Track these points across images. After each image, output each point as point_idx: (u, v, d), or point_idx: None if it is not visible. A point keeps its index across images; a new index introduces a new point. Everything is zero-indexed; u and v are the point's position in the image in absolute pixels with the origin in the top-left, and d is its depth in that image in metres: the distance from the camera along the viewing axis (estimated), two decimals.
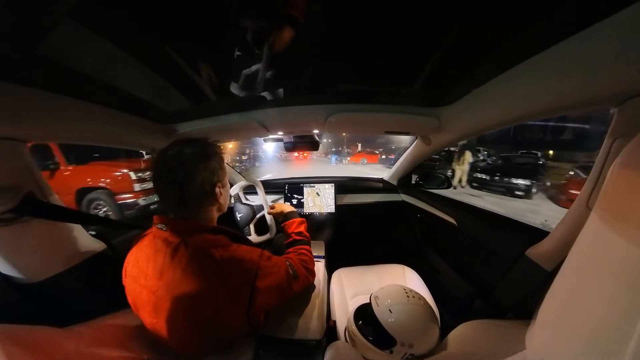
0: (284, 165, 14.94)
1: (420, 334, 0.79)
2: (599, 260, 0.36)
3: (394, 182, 2.01)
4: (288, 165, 14.94)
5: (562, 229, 0.72)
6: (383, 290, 0.90)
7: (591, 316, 0.34)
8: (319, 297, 0.98)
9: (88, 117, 0.82)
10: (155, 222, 0.68)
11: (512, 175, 7.44)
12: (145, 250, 0.67)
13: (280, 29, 0.59)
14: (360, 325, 0.87)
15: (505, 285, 0.92)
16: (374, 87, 1.00)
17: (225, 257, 0.63)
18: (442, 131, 1.18)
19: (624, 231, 0.33)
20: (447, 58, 0.72)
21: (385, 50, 0.73)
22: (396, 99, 1.06)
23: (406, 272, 1.39)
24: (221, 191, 0.73)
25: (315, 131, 1.43)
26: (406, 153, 1.75)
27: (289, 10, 0.56)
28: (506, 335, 0.62)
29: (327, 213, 1.76)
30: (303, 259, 0.88)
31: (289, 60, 0.69)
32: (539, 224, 0.96)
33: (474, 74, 0.79)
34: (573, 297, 0.39)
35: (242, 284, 0.63)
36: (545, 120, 10.97)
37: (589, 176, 0.66)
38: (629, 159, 0.36)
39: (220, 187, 0.72)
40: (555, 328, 0.41)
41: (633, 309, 0.29)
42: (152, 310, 0.64)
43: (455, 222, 1.30)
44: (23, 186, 0.70)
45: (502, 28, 0.59)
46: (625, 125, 0.57)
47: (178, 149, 0.66)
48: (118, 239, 1.02)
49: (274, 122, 1.22)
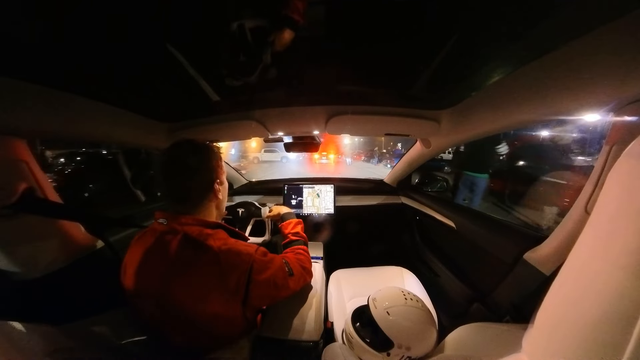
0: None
1: (418, 336, 0.78)
2: (597, 264, 0.36)
3: (394, 184, 2.01)
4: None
5: (560, 233, 0.72)
6: (381, 293, 0.90)
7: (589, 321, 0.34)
8: (316, 298, 0.98)
9: (89, 114, 0.82)
10: (156, 217, 0.72)
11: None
12: (146, 244, 0.69)
13: (281, 30, 0.60)
14: (357, 327, 0.87)
15: (503, 289, 0.92)
16: (375, 89, 1.00)
17: (224, 249, 0.65)
18: (441, 134, 1.18)
19: (622, 237, 0.33)
20: (447, 61, 0.72)
21: (386, 52, 0.74)
22: (397, 101, 1.06)
23: (404, 274, 1.39)
24: (220, 188, 0.78)
25: (315, 132, 1.43)
26: (406, 155, 1.76)
27: (289, 12, 0.57)
28: (504, 338, 0.62)
29: (326, 214, 1.76)
30: (300, 258, 0.89)
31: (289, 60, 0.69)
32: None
33: (474, 78, 0.79)
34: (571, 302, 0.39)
35: (238, 275, 0.64)
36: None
37: (588, 181, 0.66)
38: (627, 164, 0.36)
39: (219, 184, 0.77)
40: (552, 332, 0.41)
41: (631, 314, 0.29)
42: (152, 303, 0.65)
43: (454, 225, 1.30)
44: (22, 182, 0.70)
45: (502, 33, 0.59)
46: (623, 131, 0.57)
47: (181, 148, 0.72)
48: (115, 237, 1.01)
49: (275, 122, 1.23)
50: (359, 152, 22.02)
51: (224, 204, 0.84)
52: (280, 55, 0.65)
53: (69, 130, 0.82)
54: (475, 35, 0.61)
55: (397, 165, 1.91)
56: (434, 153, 1.48)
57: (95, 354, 0.60)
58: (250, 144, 15.29)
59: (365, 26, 0.64)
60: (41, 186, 0.76)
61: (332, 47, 0.72)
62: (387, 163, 15.61)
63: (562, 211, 2.47)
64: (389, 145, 20.76)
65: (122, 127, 0.98)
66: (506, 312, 0.87)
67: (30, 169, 0.74)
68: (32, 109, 0.67)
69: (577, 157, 3.73)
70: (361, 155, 20.76)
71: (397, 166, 1.90)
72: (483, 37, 0.62)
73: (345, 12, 0.60)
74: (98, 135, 0.96)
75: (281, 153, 15.81)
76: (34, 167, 0.75)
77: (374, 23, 0.62)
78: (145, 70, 0.76)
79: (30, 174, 0.73)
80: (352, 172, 12.84)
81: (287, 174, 2.16)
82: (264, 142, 1.55)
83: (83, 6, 0.48)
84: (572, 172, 3.36)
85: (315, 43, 0.69)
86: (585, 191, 0.66)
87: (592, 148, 3.45)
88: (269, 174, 2.27)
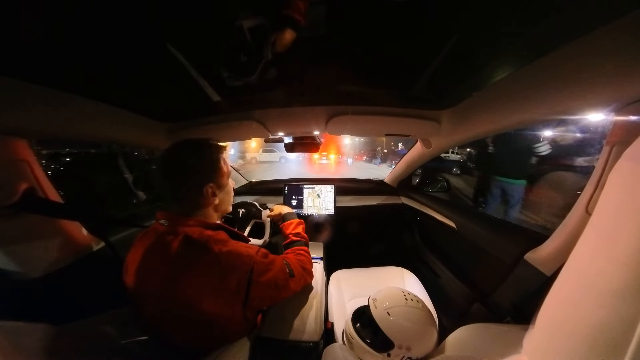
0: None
1: (418, 337, 0.78)
2: (598, 265, 0.36)
3: (394, 185, 2.01)
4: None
5: (561, 233, 0.72)
6: (381, 293, 0.90)
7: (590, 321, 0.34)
8: (316, 299, 0.98)
9: (89, 114, 0.82)
10: (157, 217, 0.72)
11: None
12: (148, 245, 0.69)
13: (282, 30, 0.60)
14: (357, 328, 0.87)
15: (504, 290, 0.91)
16: (376, 89, 1.00)
17: (224, 251, 0.65)
18: (442, 134, 1.18)
19: (623, 237, 0.33)
20: (448, 61, 0.72)
21: (387, 52, 0.74)
22: (397, 102, 1.06)
23: (405, 274, 1.39)
24: (215, 192, 0.73)
25: (315, 132, 1.43)
26: (406, 156, 1.75)
27: (290, 12, 0.57)
28: (504, 339, 0.62)
29: (326, 215, 1.76)
30: (300, 259, 0.89)
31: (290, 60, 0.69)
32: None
33: (475, 78, 0.79)
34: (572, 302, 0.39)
35: (239, 277, 0.64)
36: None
37: (589, 181, 0.66)
38: (628, 164, 0.36)
39: (214, 188, 0.73)
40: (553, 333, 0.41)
41: (632, 315, 0.29)
42: (152, 303, 0.65)
43: (455, 225, 1.30)
44: (23, 182, 0.70)
45: (503, 33, 0.59)
46: (623, 132, 0.57)
47: (174, 149, 0.71)
48: (116, 237, 1.01)
49: (275, 122, 1.23)
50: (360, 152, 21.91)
51: (225, 207, 0.81)
52: (280, 55, 0.64)
53: (69, 130, 0.82)
54: (475, 36, 0.61)
55: (397, 165, 1.91)
56: (434, 153, 1.48)
57: (96, 353, 0.60)
58: (250, 144, 15.16)
59: (366, 26, 0.63)
60: (42, 186, 0.76)
61: (333, 47, 0.72)
62: (392, 163, 15.46)
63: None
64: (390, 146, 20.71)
65: (122, 127, 0.98)
66: (507, 313, 0.87)
67: (31, 168, 0.74)
68: (33, 109, 0.67)
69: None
70: (363, 155, 20.59)
71: (397, 166, 1.90)
72: (483, 37, 0.62)
73: (345, 12, 0.60)
74: (98, 135, 0.96)
75: (280, 153, 15.65)
76: (35, 167, 0.75)
77: (374, 23, 0.62)
78: (145, 70, 0.76)
79: (31, 173, 0.74)
80: (355, 174, 12.73)
81: (286, 176, 2.14)
82: (264, 142, 1.55)
83: (83, 6, 0.48)
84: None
85: (315, 43, 0.69)
86: (586, 191, 0.66)
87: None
88: (268, 175, 2.21)
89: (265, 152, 15.56)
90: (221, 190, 0.77)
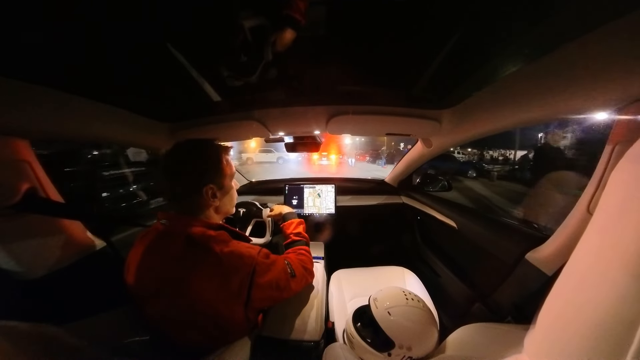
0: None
1: (419, 336, 0.78)
2: (599, 265, 0.36)
3: (395, 184, 2.01)
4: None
5: (562, 233, 0.72)
6: (382, 293, 0.90)
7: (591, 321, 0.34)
8: (317, 298, 0.98)
9: (89, 114, 0.82)
10: (159, 217, 0.72)
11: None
12: (149, 245, 0.69)
13: (282, 30, 0.60)
14: (358, 327, 0.87)
15: (505, 289, 0.91)
16: (376, 89, 1.00)
17: (226, 252, 0.65)
18: (443, 134, 1.18)
19: (624, 237, 0.33)
20: (449, 61, 0.72)
21: (387, 52, 0.73)
22: (398, 101, 1.06)
23: (405, 274, 1.39)
24: (215, 193, 0.73)
25: (316, 132, 1.43)
26: (407, 155, 1.75)
27: (291, 12, 0.57)
28: (505, 339, 0.62)
29: (327, 214, 1.76)
30: (302, 259, 0.88)
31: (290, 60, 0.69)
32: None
33: (476, 77, 0.79)
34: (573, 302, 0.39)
35: (241, 278, 0.64)
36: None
37: (590, 181, 0.66)
38: (630, 164, 0.36)
39: (215, 190, 0.73)
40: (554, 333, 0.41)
41: (634, 314, 0.29)
42: (153, 303, 0.65)
43: (456, 225, 1.30)
44: (25, 182, 0.70)
45: (503, 32, 0.59)
46: (625, 131, 0.57)
47: (175, 149, 0.72)
48: (117, 237, 1.02)
49: (276, 122, 1.23)
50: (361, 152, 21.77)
51: (226, 209, 0.81)
52: (281, 55, 0.64)
53: (70, 130, 0.82)
54: (476, 35, 0.61)
55: (398, 165, 1.90)
56: (435, 153, 1.48)
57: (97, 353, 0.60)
58: (249, 143, 14.89)
59: (366, 26, 0.63)
60: (43, 186, 0.76)
61: (333, 47, 0.72)
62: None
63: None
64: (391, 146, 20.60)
65: (122, 127, 0.98)
66: (508, 313, 0.87)
67: (32, 169, 0.74)
68: (33, 109, 0.67)
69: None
70: (365, 155, 20.35)
71: (398, 166, 1.90)
72: (484, 36, 0.61)
73: (346, 11, 0.60)
74: (98, 135, 0.97)
75: (277, 153, 15.23)
76: (36, 167, 0.75)
77: (374, 23, 0.62)
78: (145, 70, 0.76)
79: (32, 174, 0.74)
80: (359, 176, 12.62)
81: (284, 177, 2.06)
82: (264, 142, 1.55)
83: (83, 6, 0.48)
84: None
85: (316, 43, 0.69)
86: (588, 191, 0.65)
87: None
88: (265, 177, 2.19)
89: (262, 152, 15.13)
90: (222, 191, 0.76)
